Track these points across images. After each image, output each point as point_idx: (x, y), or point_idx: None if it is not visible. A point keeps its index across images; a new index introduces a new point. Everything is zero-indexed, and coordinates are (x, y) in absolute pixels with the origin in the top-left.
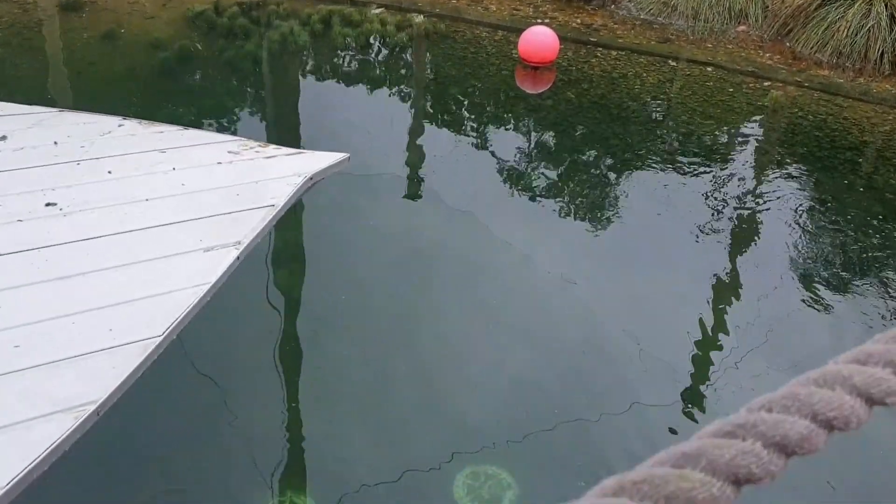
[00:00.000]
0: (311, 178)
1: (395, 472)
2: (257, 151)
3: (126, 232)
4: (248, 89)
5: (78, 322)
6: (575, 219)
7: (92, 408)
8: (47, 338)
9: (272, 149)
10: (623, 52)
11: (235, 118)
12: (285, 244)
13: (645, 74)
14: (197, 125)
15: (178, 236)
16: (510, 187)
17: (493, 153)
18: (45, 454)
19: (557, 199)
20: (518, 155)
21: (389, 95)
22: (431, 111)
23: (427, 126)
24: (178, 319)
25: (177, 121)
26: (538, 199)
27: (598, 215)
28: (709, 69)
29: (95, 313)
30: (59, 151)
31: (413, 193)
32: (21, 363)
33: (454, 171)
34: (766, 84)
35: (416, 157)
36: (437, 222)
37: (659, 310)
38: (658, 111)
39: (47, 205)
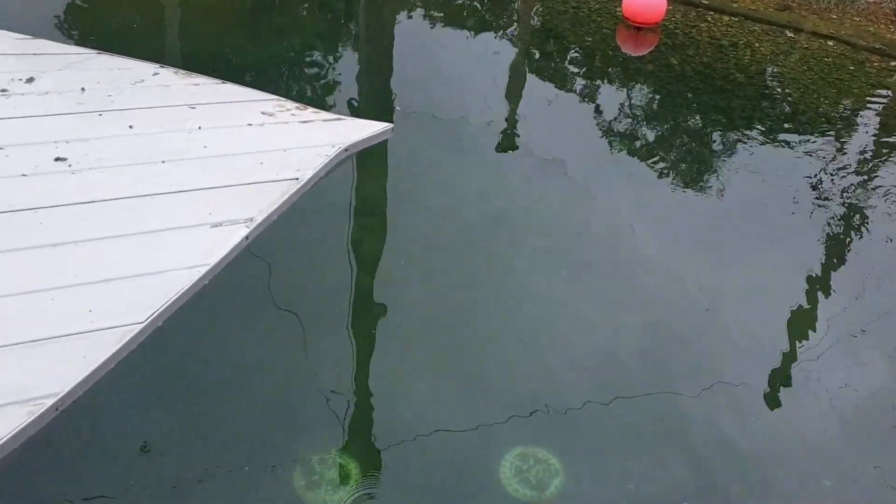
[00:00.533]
0: (346, 150)
1: (442, 441)
2: (293, 114)
3: (132, 197)
4: (315, 38)
5: (57, 299)
6: (668, 189)
7: (50, 402)
8: (20, 314)
9: (310, 112)
10: (736, 18)
11: (287, 70)
12: (306, 223)
13: (757, 44)
14: (240, 77)
15: (186, 206)
16: (600, 151)
17: (584, 115)
18: None
19: (650, 169)
20: (611, 119)
21: (476, 48)
22: (524, 65)
23: (515, 81)
24: (165, 305)
25: (219, 72)
26: (629, 166)
27: (693, 188)
28: (829, 43)
29: (77, 290)
30: (84, 99)
31: (497, 149)
32: None
33: (541, 129)
34: (892, 64)
35: (501, 112)
36: (516, 182)
37: (752, 289)
38: (767, 86)
39: (57, 159)
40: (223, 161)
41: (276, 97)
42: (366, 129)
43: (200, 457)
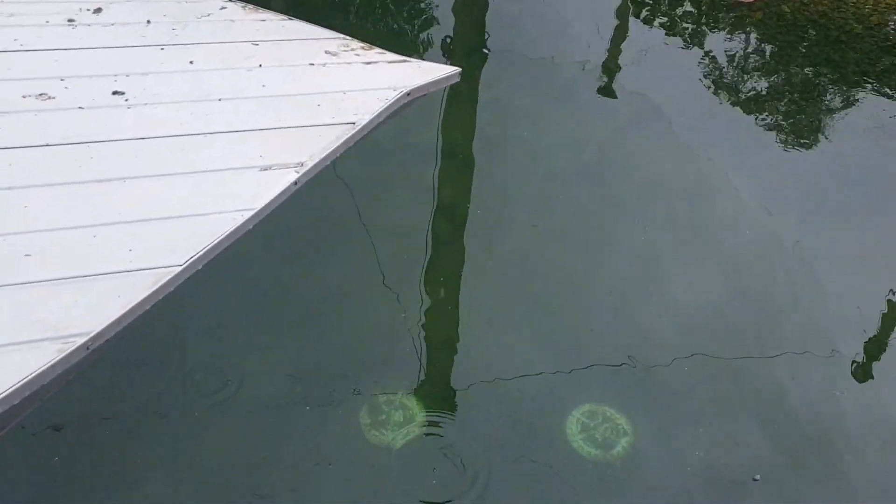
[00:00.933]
0: (408, 94)
1: (510, 391)
2: (357, 55)
3: (185, 135)
4: None
5: (100, 236)
6: (772, 146)
7: (81, 340)
8: (62, 250)
9: (375, 53)
10: None
11: (362, 6)
12: (363, 169)
13: None
14: (309, 14)
15: (237, 148)
16: (703, 103)
17: (687, 65)
18: (16, 387)
19: (755, 123)
20: (716, 70)
21: None
22: (628, 10)
23: (618, 26)
24: (206, 249)
25: (289, 6)
26: (732, 120)
27: (799, 146)
28: None
29: (121, 228)
30: (148, 32)
31: (593, 96)
32: (26, 275)
33: (641, 77)
34: None
35: (600, 57)
36: (609, 131)
37: (853, 256)
38: (888, 39)
39: (114, 93)
40: (280, 102)
41: (343, 36)
42: (431, 73)
43: (264, 391)
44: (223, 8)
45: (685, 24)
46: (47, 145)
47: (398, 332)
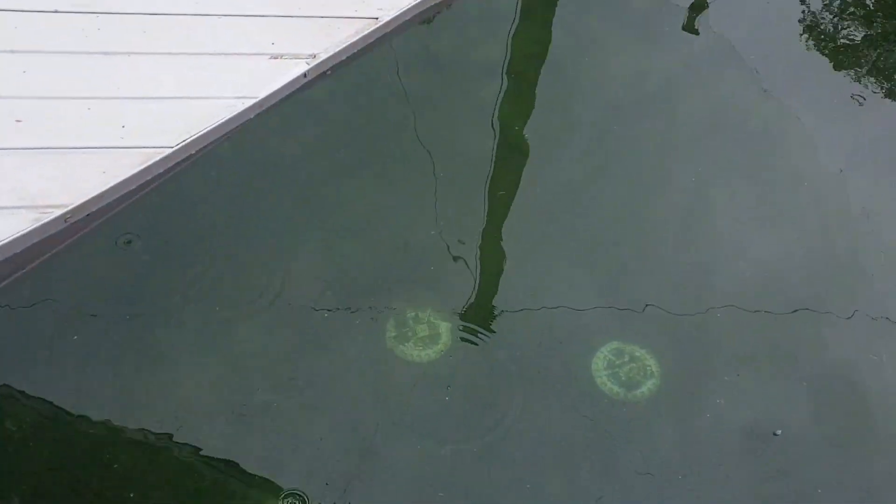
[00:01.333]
0: None
1: (540, 320)
2: None
3: (196, 14)
4: None
5: (94, 108)
6: (858, 99)
7: (58, 212)
8: (53, 119)
9: None
10: None
11: None
12: (422, 80)
13: None
14: None
15: (249, 32)
16: (789, 45)
17: (777, 4)
18: None
19: (845, 74)
20: (807, 12)
21: None
22: None
23: None
24: (201, 134)
25: None
26: (820, 67)
27: (887, 104)
28: None
29: (115, 103)
30: None
31: (669, 28)
32: (12, 141)
33: (726, 13)
34: None
35: None
36: (680, 66)
37: None
38: None
39: None
40: None
41: None
42: None
43: (297, 294)
44: None
45: None
46: (56, 11)
47: (436, 249)
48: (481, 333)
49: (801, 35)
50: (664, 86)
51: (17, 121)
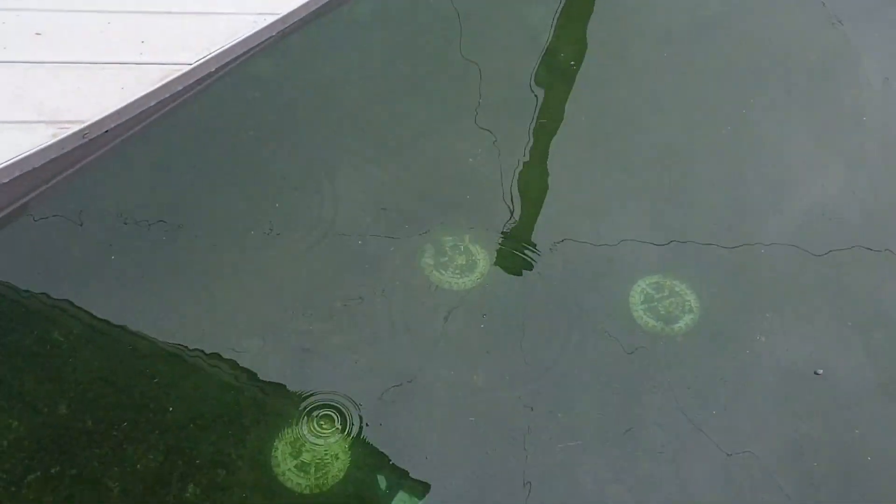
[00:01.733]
0: None
1: (583, 249)
2: None
3: None
4: None
5: (114, 22)
6: None
7: (76, 128)
8: (73, 33)
9: None
10: None
11: None
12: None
13: None
14: None
15: None
16: None
17: None
18: (4, 165)
19: None
20: None
21: None
22: None
23: None
24: (221, 50)
25: None
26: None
27: None
28: None
29: (135, 18)
30: None
31: None
32: (32, 55)
33: None
34: None
35: None
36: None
37: None
38: None
39: None
40: None
41: None
42: None
43: (336, 217)
44: None
45: None
46: None
47: (479, 176)
48: (519, 264)
49: None
50: (721, 11)
51: (37, 34)
